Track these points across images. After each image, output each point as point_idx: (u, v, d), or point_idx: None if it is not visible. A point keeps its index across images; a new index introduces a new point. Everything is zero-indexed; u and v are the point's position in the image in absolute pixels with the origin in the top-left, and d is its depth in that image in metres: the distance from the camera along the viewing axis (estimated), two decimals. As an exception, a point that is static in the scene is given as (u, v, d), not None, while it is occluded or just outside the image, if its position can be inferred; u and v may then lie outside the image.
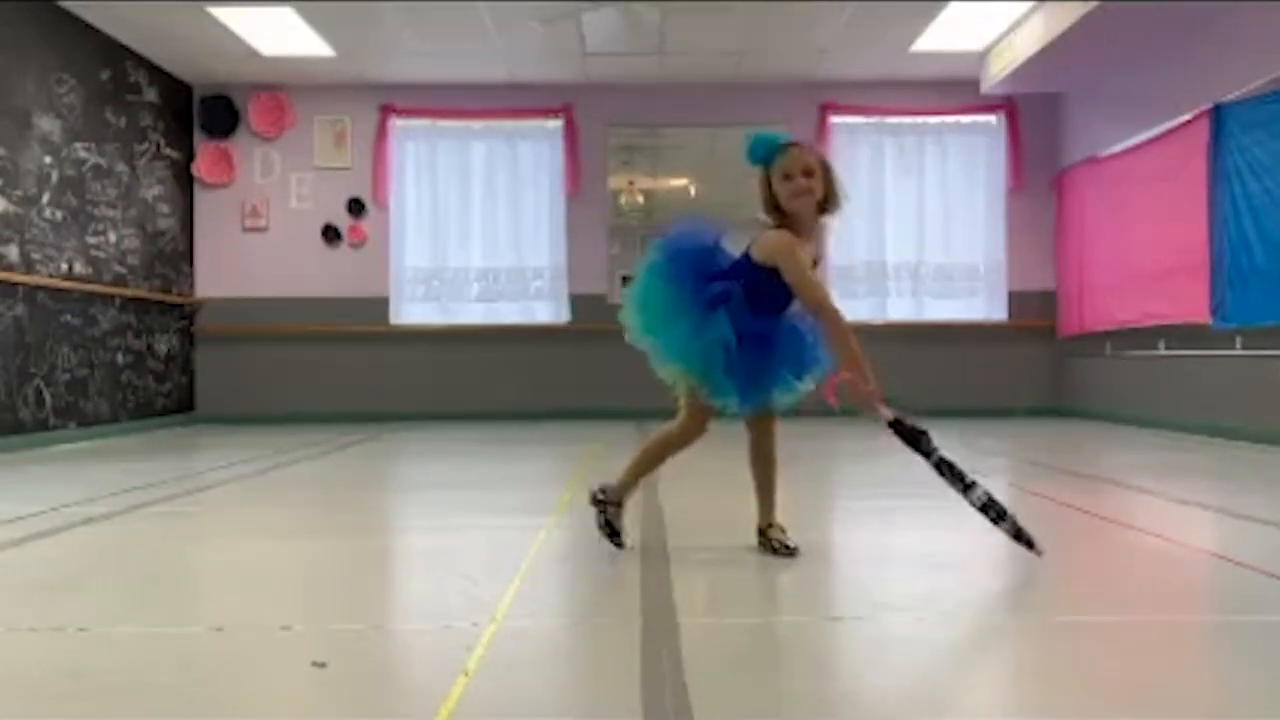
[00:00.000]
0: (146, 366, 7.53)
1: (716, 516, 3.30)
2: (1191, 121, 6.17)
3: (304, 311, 8.28)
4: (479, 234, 8.34)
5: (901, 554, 2.81)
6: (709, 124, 8.18)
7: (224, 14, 6.62)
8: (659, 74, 8.00)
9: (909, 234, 8.33)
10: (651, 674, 1.70)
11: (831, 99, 8.27)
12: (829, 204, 2.59)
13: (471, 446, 6.14)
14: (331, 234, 8.31)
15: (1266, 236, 5.52)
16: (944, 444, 2.55)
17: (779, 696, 1.63)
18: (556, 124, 8.33)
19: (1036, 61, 6.87)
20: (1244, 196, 5.68)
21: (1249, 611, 2.16)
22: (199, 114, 8.28)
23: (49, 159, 6.34)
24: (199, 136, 8.30)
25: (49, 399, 6.28)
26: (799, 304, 2.59)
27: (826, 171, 2.58)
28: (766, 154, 2.58)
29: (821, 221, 2.65)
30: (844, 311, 2.55)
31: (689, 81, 8.15)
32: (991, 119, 8.35)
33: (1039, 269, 8.35)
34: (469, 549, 2.94)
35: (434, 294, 8.34)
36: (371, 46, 7.41)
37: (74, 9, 6.53)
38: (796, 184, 2.53)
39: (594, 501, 2.78)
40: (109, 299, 7.00)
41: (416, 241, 8.34)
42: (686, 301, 2.58)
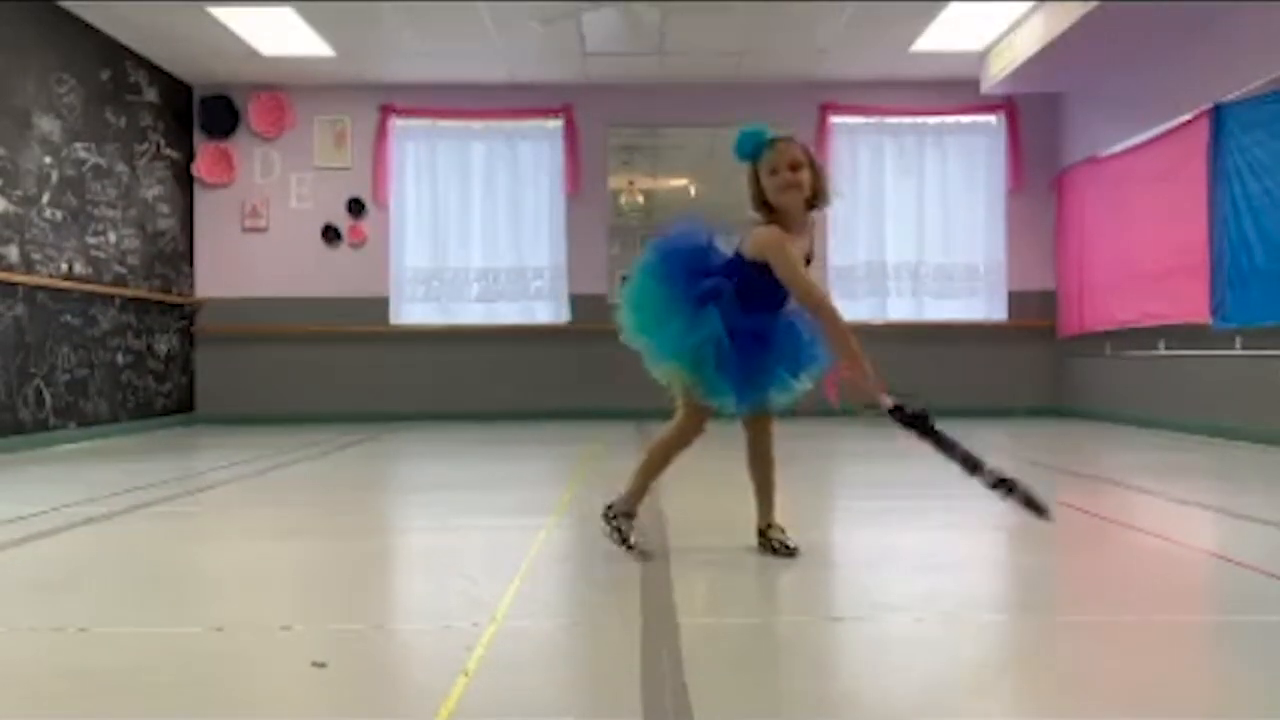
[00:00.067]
0: (146, 366, 7.53)
1: (716, 516, 3.30)
2: (1191, 121, 6.17)
3: (304, 311, 8.28)
4: (479, 234, 8.34)
5: (902, 554, 2.80)
6: (709, 124, 8.18)
7: (224, 14, 6.62)
8: (659, 74, 8.00)
9: (909, 234, 8.34)
10: (651, 674, 1.70)
11: (831, 99, 8.27)
12: (817, 198, 2.59)
13: (471, 446, 6.14)
14: (331, 234, 8.32)
15: (1266, 236, 5.52)
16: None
17: (779, 696, 1.63)
18: (556, 124, 8.33)
19: (1036, 61, 6.88)
20: (1244, 196, 5.68)
21: (1249, 611, 2.16)
22: (199, 114, 8.28)
23: (49, 159, 6.34)
24: (199, 136, 8.30)
25: (49, 399, 6.28)
26: (794, 300, 2.59)
27: (814, 166, 2.57)
28: (754, 149, 2.58)
29: (811, 217, 2.64)
30: (841, 309, 2.54)
31: (689, 81, 8.16)
32: (991, 119, 8.35)
33: (1039, 269, 8.35)
34: (469, 549, 2.94)
35: (434, 294, 8.34)
36: (371, 46, 7.41)
37: (74, 9, 6.54)
38: (783, 178, 2.53)
39: (606, 519, 2.75)
40: (109, 299, 7.00)
41: (416, 241, 8.34)
42: (678, 300, 2.57)
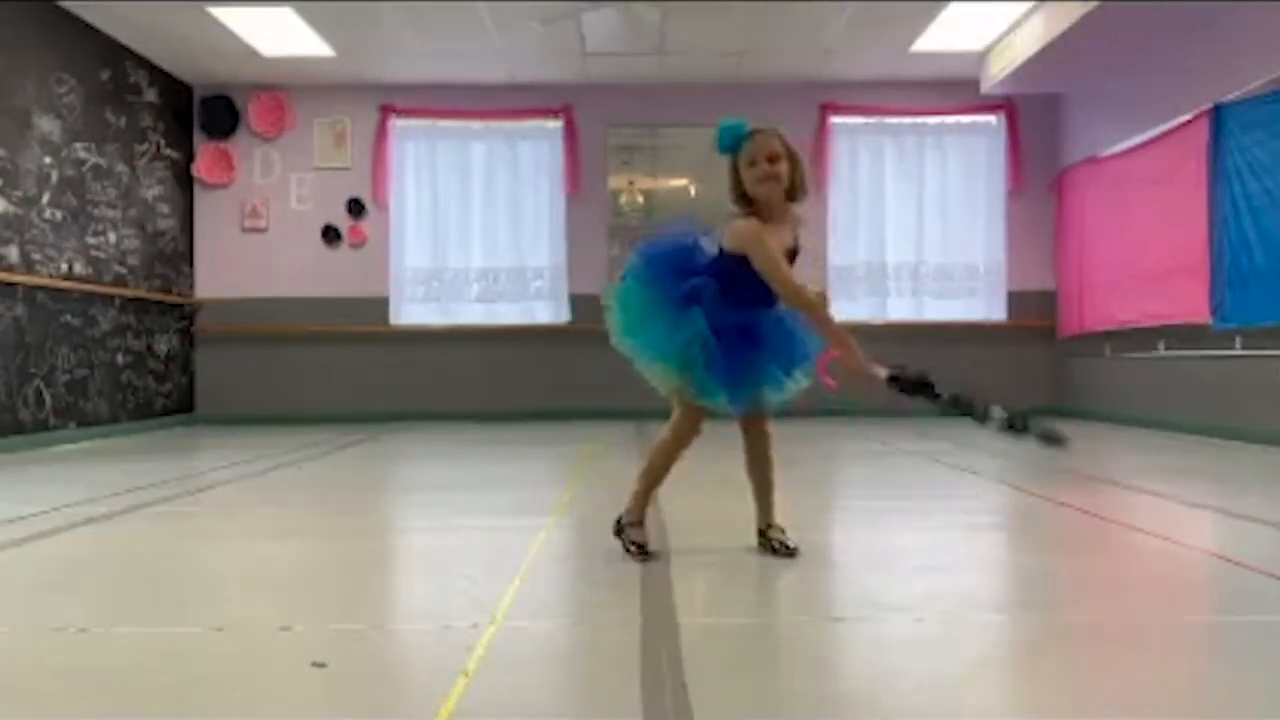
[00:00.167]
0: (146, 367, 7.53)
1: (716, 517, 3.30)
2: (1191, 122, 6.17)
3: (304, 311, 8.28)
4: (479, 234, 8.34)
5: (902, 555, 2.80)
6: (709, 124, 8.03)
7: (224, 14, 6.62)
8: (659, 74, 8.00)
9: (909, 234, 8.34)
10: (651, 674, 1.70)
11: (831, 99, 8.28)
12: (795, 190, 2.58)
13: (471, 447, 6.14)
14: (331, 234, 8.31)
15: (1266, 236, 5.52)
16: (942, 445, 2.54)
17: (779, 696, 1.63)
18: (556, 124, 8.33)
19: (1036, 61, 6.88)
20: (1244, 197, 5.68)
21: (1249, 611, 2.16)
22: (199, 114, 8.28)
23: (49, 159, 6.34)
24: (199, 137, 8.30)
25: (49, 399, 6.28)
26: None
27: (793, 158, 2.57)
28: (733, 142, 2.59)
29: (793, 210, 2.63)
30: (840, 309, 2.54)
31: (689, 81, 8.15)
32: (991, 119, 8.35)
33: (1039, 269, 8.35)
34: (469, 549, 2.94)
35: (434, 294, 8.34)
36: (371, 46, 7.41)
37: (74, 9, 6.54)
38: (761, 169, 2.53)
39: (617, 535, 2.72)
40: (109, 299, 7.00)
41: (416, 242, 8.35)
42: (661, 301, 2.57)
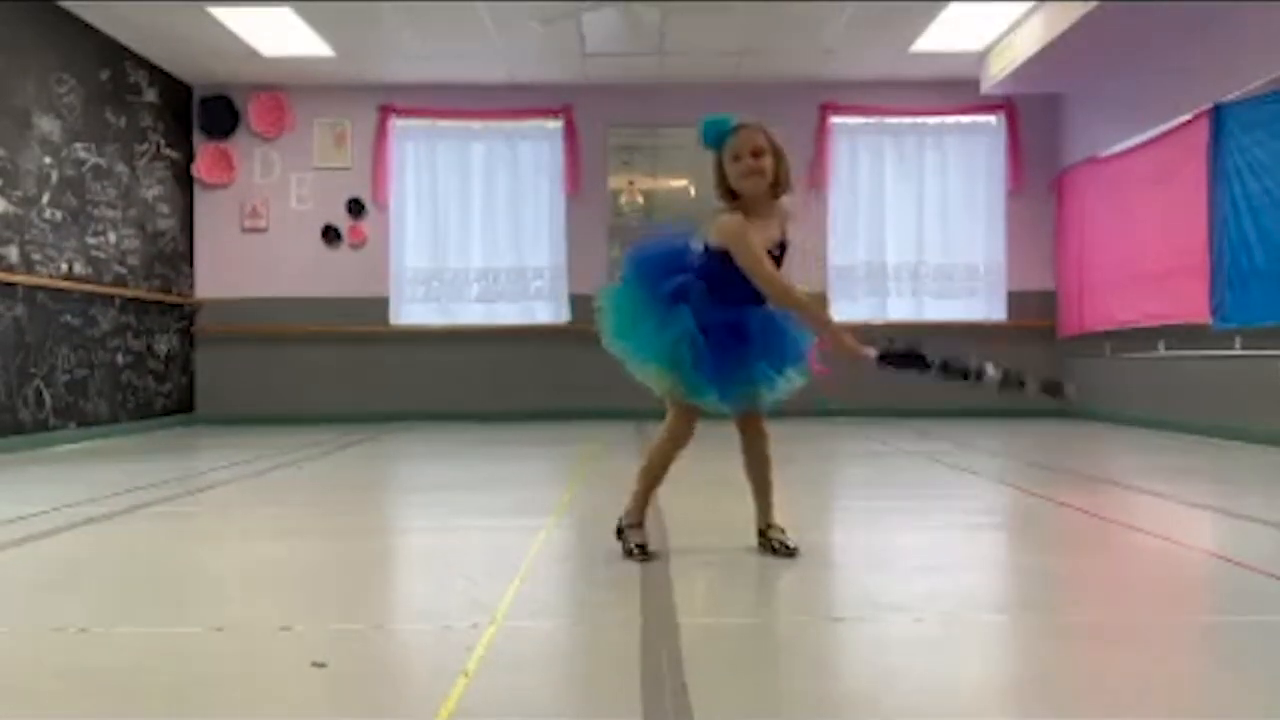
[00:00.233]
0: (146, 367, 7.53)
1: (716, 517, 3.30)
2: (1191, 122, 6.17)
3: (304, 311, 8.28)
4: (479, 234, 8.34)
5: (901, 554, 2.80)
6: (709, 124, 8.15)
7: (224, 14, 6.62)
8: (659, 74, 8.00)
9: (909, 234, 8.34)
10: (651, 674, 1.70)
11: (831, 99, 8.28)
12: (780, 185, 2.58)
13: (471, 447, 6.14)
14: (331, 234, 8.31)
15: (1266, 237, 5.52)
16: (942, 445, 2.54)
17: (779, 696, 1.63)
18: (556, 124, 8.33)
19: (1036, 62, 6.88)
20: (1244, 197, 5.68)
21: (1249, 612, 2.16)
22: (199, 114, 8.28)
23: (49, 159, 6.34)
24: (199, 137, 8.30)
25: (49, 399, 6.28)
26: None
27: (778, 152, 2.57)
28: (717, 136, 2.58)
29: (781, 203, 2.63)
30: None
31: (689, 81, 8.15)
32: (991, 119, 8.35)
33: (1039, 269, 8.35)
34: (469, 549, 2.94)
35: (434, 294, 8.34)
36: (371, 47, 7.41)
37: (74, 9, 6.54)
38: (745, 164, 2.53)
39: (619, 538, 2.72)
40: (109, 299, 7.00)
41: (416, 242, 8.35)
42: (648, 301, 2.57)
